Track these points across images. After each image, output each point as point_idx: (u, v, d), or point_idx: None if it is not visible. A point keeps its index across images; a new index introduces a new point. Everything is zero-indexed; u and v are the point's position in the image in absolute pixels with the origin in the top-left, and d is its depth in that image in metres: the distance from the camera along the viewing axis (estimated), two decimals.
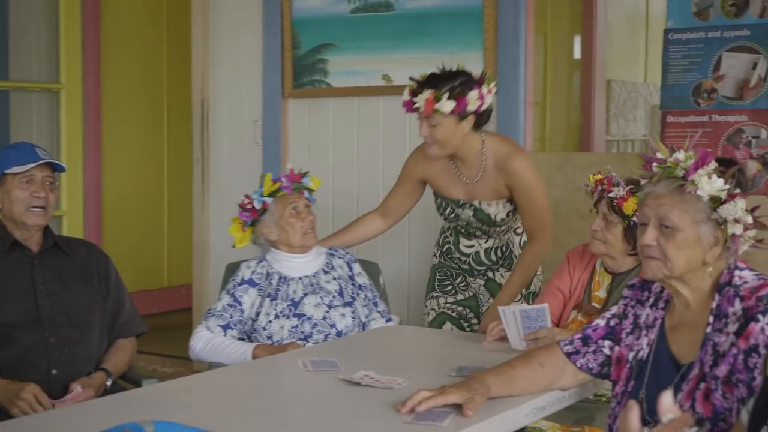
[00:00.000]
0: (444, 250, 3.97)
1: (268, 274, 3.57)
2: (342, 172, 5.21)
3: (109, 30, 6.67)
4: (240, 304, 3.51)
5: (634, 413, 1.48)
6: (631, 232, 3.21)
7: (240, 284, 3.55)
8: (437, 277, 3.98)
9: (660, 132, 4.29)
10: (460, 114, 3.51)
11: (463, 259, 3.90)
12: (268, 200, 3.59)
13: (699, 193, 2.26)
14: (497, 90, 4.66)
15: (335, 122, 5.25)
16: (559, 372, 2.58)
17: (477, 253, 3.87)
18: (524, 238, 3.88)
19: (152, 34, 7.21)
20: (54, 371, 3.08)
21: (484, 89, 3.52)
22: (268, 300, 3.50)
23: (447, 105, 3.47)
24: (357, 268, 3.68)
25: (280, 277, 3.55)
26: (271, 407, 2.45)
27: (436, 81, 3.53)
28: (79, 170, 6.14)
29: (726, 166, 2.32)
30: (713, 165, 2.28)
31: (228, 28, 5.54)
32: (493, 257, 3.86)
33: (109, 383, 3.17)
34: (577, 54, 6.24)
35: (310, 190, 3.69)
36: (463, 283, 3.92)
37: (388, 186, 5.05)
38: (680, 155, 2.30)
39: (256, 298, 3.52)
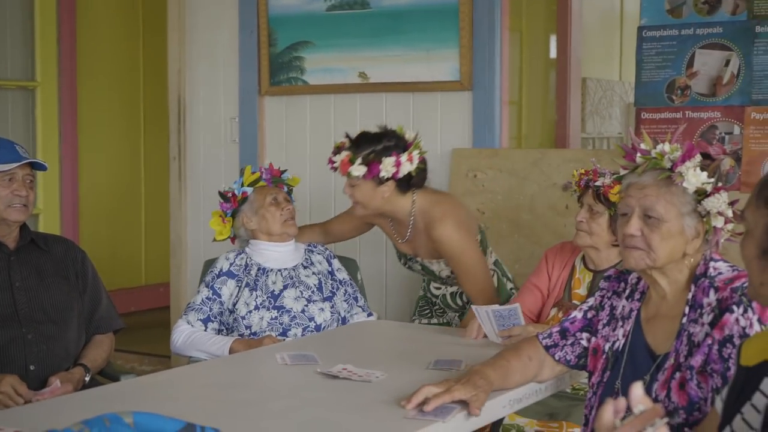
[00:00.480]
0: (423, 287, 4.00)
1: (246, 265, 3.59)
2: (319, 170, 5.21)
3: (85, 28, 6.65)
4: (219, 296, 3.54)
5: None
6: (615, 222, 3.24)
7: (218, 276, 3.57)
8: (419, 305, 4.02)
9: (635, 128, 4.32)
10: (373, 179, 3.50)
11: (434, 300, 3.94)
12: (248, 190, 3.63)
13: (685, 185, 2.29)
14: (473, 88, 4.75)
15: (312, 120, 5.26)
16: (539, 364, 2.61)
17: (444, 296, 3.89)
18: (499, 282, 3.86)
19: (128, 31, 7.20)
20: (32, 367, 3.08)
21: (404, 157, 3.49)
22: (247, 290, 3.52)
23: (358, 170, 3.47)
24: (336, 263, 3.72)
25: (259, 268, 3.58)
26: (250, 400, 2.46)
27: (360, 142, 3.53)
28: (56, 168, 6.13)
29: (706, 160, 2.37)
30: (699, 158, 2.31)
31: (204, 26, 5.55)
32: (459, 302, 3.86)
33: (87, 379, 3.17)
34: (552, 52, 6.28)
35: (289, 187, 3.73)
36: (441, 311, 3.95)
37: None
38: (665, 147, 2.33)
39: (234, 288, 3.54)
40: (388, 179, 3.50)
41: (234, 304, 3.52)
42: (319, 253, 3.72)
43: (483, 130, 4.70)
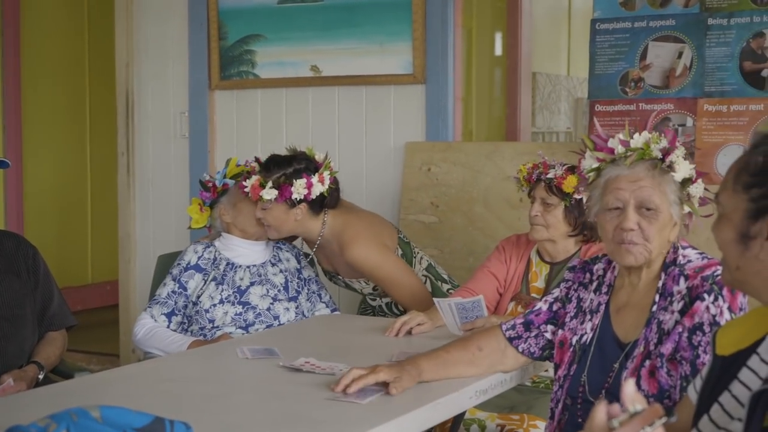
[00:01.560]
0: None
1: (215, 259, 3.55)
2: None
3: (29, 21, 6.52)
4: (185, 290, 3.50)
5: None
6: (571, 212, 3.25)
7: (186, 269, 3.52)
8: (361, 308, 4.01)
9: (588, 121, 4.34)
10: (285, 202, 3.49)
11: (371, 310, 3.93)
12: (230, 182, 3.58)
13: (675, 174, 2.29)
14: (426, 81, 4.73)
15: (263, 114, 5.21)
16: (500, 354, 2.59)
17: (380, 306, 3.88)
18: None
19: (73, 24, 7.06)
20: None
21: (315, 178, 3.49)
22: (213, 284, 3.48)
23: (269, 193, 3.45)
24: (303, 261, 3.69)
25: (228, 263, 3.54)
26: (213, 394, 2.42)
27: (269, 166, 3.52)
28: None
29: None
30: (682, 147, 2.32)
31: (152, 19, 5.46)
32: (396, 311, 3.83)
33: (41, 377, 3.10)
34: (502, 47, 6.29)
35: None
36: (381, 313, 3.92)
37: None
38: (644, 136, 2.31)
39: (200, 281, 3.50)
40: (300, 201, 3.49)
41: (198, 297, 3.47)
42: (287, 251, 3.69)
43: (436, 124, 4.69)
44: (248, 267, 3.55)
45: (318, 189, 3.49)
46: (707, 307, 2.18)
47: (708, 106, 4.07)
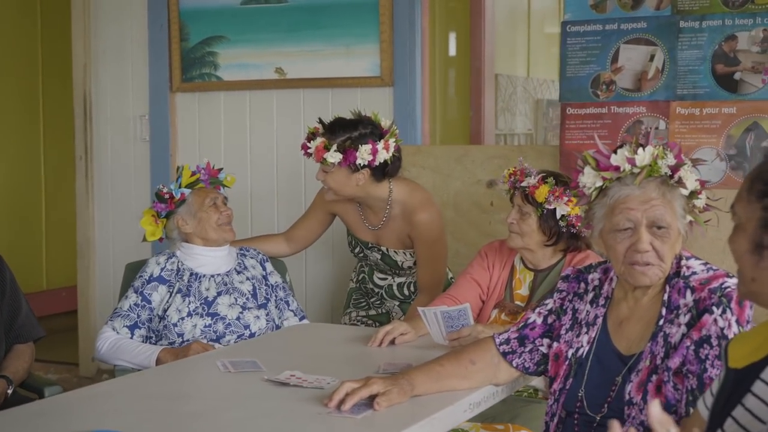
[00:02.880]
0: (360, 278, 3.96)
1: (178, 270, 3.44)
2: (234, 169, 5.02)
3: None
4: (149, 302, 3.38)
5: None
6: (545, 222, 3.20)
7: (149, 281, 3.41)
8: (353, 297, 3.98)
9: (560, 124, 4.30)
10: (348, 167, 3.48)
11: (377, 290, 3.90)
12: (186, 191, 3.47)
13: (684, 189, 2.25)
14: (394, 84, 4.67)
15: (226, 117, 5.11)
16: (493, 369, 2.53)
17: (390, 286, 3.87)
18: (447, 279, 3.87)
19: (24, 23, 6.85)
20: None
21: (380, 144, 3.49)
22: (179, 296, 3.37)
23: (334, 156, 3.46)
24: (269, 266, 3.60)
25: (191, 274, 3.43)
26: (198, 411, 2.33)
27: (334, 129, 3.52)
28: None
29: None
30: (688, 160, 2.28)
31: (111, 18, 5.32)
32: (406, 292, 3.85)
33: (10, 392, 2.98)
34: (461, 48, 6.24)
35: (224, 186, 3.60)
36: (378, 302, 3.91)
37: (282, 181, 4.98)
38: (650, 152, 2.26)
39: (165, 294, 3.39)
40: (363, 167, 3.50)
41: (164, 311, 3.36)
42: (252, 257, 3.59)
43: (405, 126, 4.61)
44: (213, 276, 3.45)
45: (382, 156, 3.51)
46: (715, 320, 2.14)
47: (680, 109, 4.05)
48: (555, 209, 3.18)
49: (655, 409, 1.41)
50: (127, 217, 5.31)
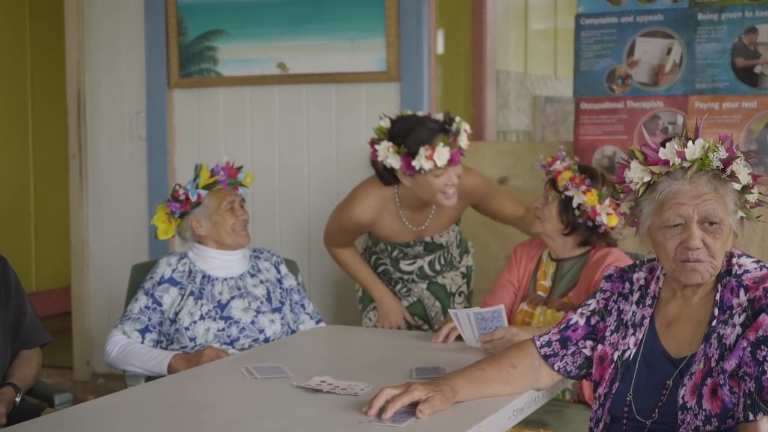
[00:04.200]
0: (380, 270, 3.87)
1: (190, 272, 3.30)
2: None
3: None
4: (160, 305, 3.24)
5: None
6: (564, 210, 3.14)
7: (160, 283, 3.27)
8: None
9: (575, 119, 4.19)
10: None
11: (406, 277, 3.84)
12: (203, 193, 3.33)
13: (737, 183, 2.14)
14: (400, 79, 4.55)
15: (226, 113, 4.96)
16: (534, 373, 2.42)
17: (421, 267, 3.82)
18: (461, 235, 3.93)
19: (11, 15, 6.65)
20: None
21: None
22: (191, 299, 3.24)
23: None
24: (284, 269, 3.48)
25: (204, 276, 3.30)
26: (230, 420, 2.20)
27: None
28: None
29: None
30: (740, 153, 2.17)
31: (106, 12, 5.16)
32: (438, 267, 3.83)
33: (18, 399, 2.84)
34: (467, 45, 6.14)
35: (242, 185, 3.47)
36: (405, 289, 3.84)
37: (283, 179, 4.85)
38: (700, 144, 2.15)
39: (177, 297, 3.26)
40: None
41: (176, 314, 3.23)
42: (266, 260, 3.46)
43: None
44: (226, 279, 3.33)
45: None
46: None
47: (699, 103, 3.96)
48: (572, 197, 3.12)
49: (765, 427, 1.31)
50: (123, 217, 5.16)
